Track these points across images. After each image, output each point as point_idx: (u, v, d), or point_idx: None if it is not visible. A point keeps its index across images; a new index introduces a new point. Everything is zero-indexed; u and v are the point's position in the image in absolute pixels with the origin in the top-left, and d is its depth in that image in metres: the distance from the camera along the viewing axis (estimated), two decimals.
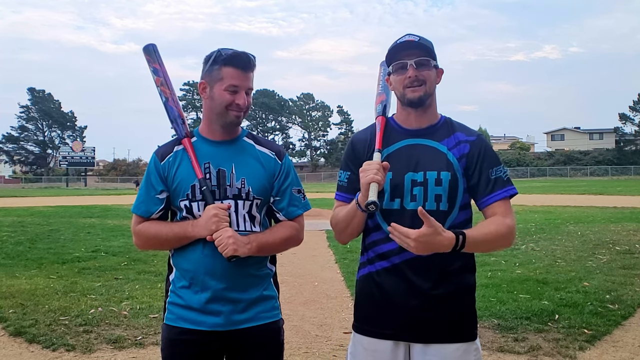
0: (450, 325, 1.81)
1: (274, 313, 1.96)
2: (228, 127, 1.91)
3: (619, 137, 70.57)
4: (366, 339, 1.87)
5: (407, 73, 1.81)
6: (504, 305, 5.21)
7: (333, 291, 6.22)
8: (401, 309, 1.81)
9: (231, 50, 1.87)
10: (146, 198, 1.93)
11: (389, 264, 1.83)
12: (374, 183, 1.70)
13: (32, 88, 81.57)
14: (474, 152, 1.84)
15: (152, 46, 2.03)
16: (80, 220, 15.15)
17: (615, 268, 7.09)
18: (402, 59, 1.81)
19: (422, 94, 1.82)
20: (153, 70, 2.02)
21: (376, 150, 1.84)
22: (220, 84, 1.86)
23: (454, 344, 1.81)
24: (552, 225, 12.24)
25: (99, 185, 66.44)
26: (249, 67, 1.87)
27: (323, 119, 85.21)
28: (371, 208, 1.67)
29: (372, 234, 1.88)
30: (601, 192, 27.32)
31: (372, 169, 1.72)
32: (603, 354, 4.00)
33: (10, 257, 8.52)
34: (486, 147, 1.86)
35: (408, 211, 1.80)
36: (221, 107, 1.87)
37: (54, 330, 4.58)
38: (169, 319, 1.93)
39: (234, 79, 1.84)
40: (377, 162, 1.76)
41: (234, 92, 1.85)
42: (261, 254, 1.89)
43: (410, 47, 1.81)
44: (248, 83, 1.88)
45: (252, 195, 1.90)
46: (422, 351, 1.81)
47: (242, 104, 1.86)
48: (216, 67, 1.86)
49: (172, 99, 2.01)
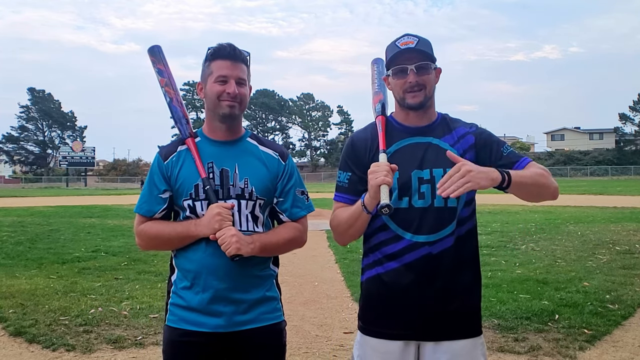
0: (460, 322, 1.82)
1: (276, 314, 1.96)
2: (225, 120, 1.91)
3: (619, 137, 70.57)
4: (375, 340, 1.85)
5: (408, 78, 1.80)
6: (504, 305, 5.21)
7: (333, 291, 6.22)
8: (413, 308, 1.81)
9: (217, 44, 1.89)
10: (149, 198, 1.93)
11: (398, 264, 1.82)
12: (384, 185, 1.68)
13: (32, 88, 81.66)
14: (481, 140, 1.87)
15: (157, 47, 2.06)
16: (80, 220, 15.15)
17: (615, 268, 7.09)
18: (402, 64, 1.80)
19: (422, 98, 1.82)
20: (158, 71, 2.04)
21: (381, 151, 1.83)
22: (210, 78, 1.89)
23: (463, 340, 1.82)
24: (552, 225, 12.24)
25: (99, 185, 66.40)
26: (235, 57, 1.88)
27: (323, 119, 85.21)
28: (385, 211, 1.66)
29: (378, 234, 1.86)
30: (601, 192, 27.32)
31: (381, 171, 1.70)
32: (603, 354, 4.00)
33: (10, 257, 8.52)
34: (487, 132, 1.93)
35: (416, 209, 1.80)
36: (213, 99, 1.88)
37: (54, 330, 4.59)
38: (171, 320, 1.92)
39: (221, 70, 1.87)
40: (386, 163, 1.75)
41: (223, 82, 1.87)
42: (264, 254, 1.89)
43: (410, 51, 1.80)
44: (237, 72, 1.88)
45: (255, 195, 1.90)
46: (432, 349, 1.81)
47: (232, 92, 1.86)
48: (207, 64, 1.91)
49: (177, 100, 2.03)
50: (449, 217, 1.80)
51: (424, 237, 1.79)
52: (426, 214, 1.74)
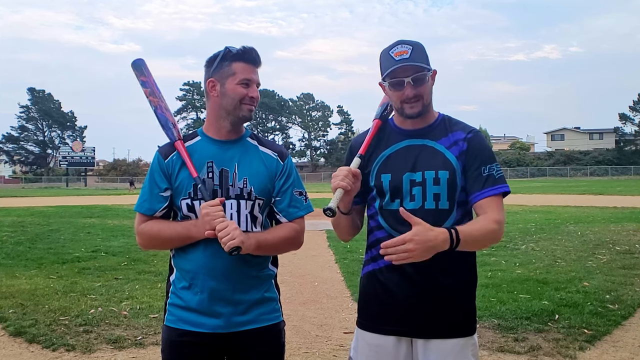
0: (450, 321, 1.83)
1: (275, 315, 1.96)
2: (239, 122, 1.93)
3: (619, 137, 70.61)
4: (369, 334, 1.90)
5: (404, 91, 1.80)
6: (504, 305, 5.21)
7: (333, 291, 6.22)
8: (403, 305, 1.84)
9: (239, 46, 1.91)
10: (150, 196, 1.92)
11: (391, 262, 1.83)
12: (339, 189, 1.76)
13: (32, 88, 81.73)
14: (471, 149, 1.85)
15: (139, 61, 2.07)
16: (80, 220, 15.15)
17: (615, 268, 7.08)
18: (398, 76, 1.80)
19: (421, 108, 1.83)
20: (141, 83, 2.06)
21: (357, 155, 1.88)
22: (232, 79, 1.88)
23: (453, 340, 1.82)
24: (552, 225, 12.24)
25: (99, 185, 66.43)
26: (258, 62, 1.92)
27: (323, 119, 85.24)
28: (327, 214, 1.75)
29: (375, 232, 1.91)
30: (601, 192, 27.32)
31: (340, 175, 1.78)
32: (603, 354, 4.00)
33: (10, 257, 8.52)
34: (481, 143, 1.87)
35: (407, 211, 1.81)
36: (235, 101, 1.89)
37: (54, 330, 4.58)
38: (169, 320, 1.92)
39: (246, 73, 1.88)
40: (348, 167, 1.81)
41: (247, 86, 1.89)
42: (260, 252, 1.88)
43: (405, 61, 1.78)
44: (257, 78, 1.93)
45: (254, 195, 1.90)
46: (423, 347, 1.83)
47: (256, 97, 1.91)
48: (226, 64, 1.89)
49: (161, 106, 2.03)
50: (440, 218, 1.80)
51: None
52: (417, 216, 1.75)
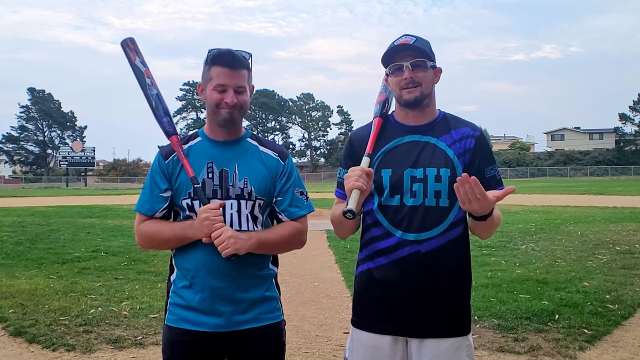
0: (444, 321, 1.83)
1: (275, 314, 1.96)
2: (224, 125, 1.91)
3: (619, 137, 70.56)
4: (365, 334, 1.89)
5: (403, 75, 1.83)
6: (504, 305, 5.21)
7: (333, 291, 6.22)
8: (399, 304, 1.83)
9: (217, 49, 1.87)
10: (150, 197, 1.93)
11: (388, 260, 1.85)
12: (355, 190, 1.71)
13: (32, 88, 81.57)
14: (477, 148, 1.88)
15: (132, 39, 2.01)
16: (80, 220, 15.14)
17: (615, 268, 7.09)
18: (398, 61, 1.83)
19: (418, 94, 1.84)
20: (141, 62, 1.99)
21: (365, 154, 1.86)
22: (210, 84, 1.88)
23: (448, 340, 1.83)
24: (552, 225, 12.24)
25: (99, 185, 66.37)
26: (235, 65, 1.86)
27: (323, 119, 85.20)
28: (348, 216, 1.70)
29: (371, 230, 1.90)
30: (601, 192, 27.30)
31: (354, 176, 1.74)
32: (603, 354, 4.00)
33: (10, 257, 8.51)
34: (487, 144, 1.91)
35: (407, 207, 1.83)
36: (212, 106, 1.89)
37: (54, 330, 4.58)
38: (170, 320, 1.93)
39: (220, 78, 1.86)
40: (361, 167, 1.78)
41: (222, 91, 1.86)
42: (261, 251, 1.89)
43: (406, 48, 1.83)
44: (237, 81, 1.86)
45: (255, 195, 1.90)
46: (418, 347, 1.83)
47: (230, 102, 1.85)
48: (207, 68, 1.89)
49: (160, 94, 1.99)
50: (440, 216, 1.81)
51: (413, 235, 1.81)
52: (416, 212, 1.75)
